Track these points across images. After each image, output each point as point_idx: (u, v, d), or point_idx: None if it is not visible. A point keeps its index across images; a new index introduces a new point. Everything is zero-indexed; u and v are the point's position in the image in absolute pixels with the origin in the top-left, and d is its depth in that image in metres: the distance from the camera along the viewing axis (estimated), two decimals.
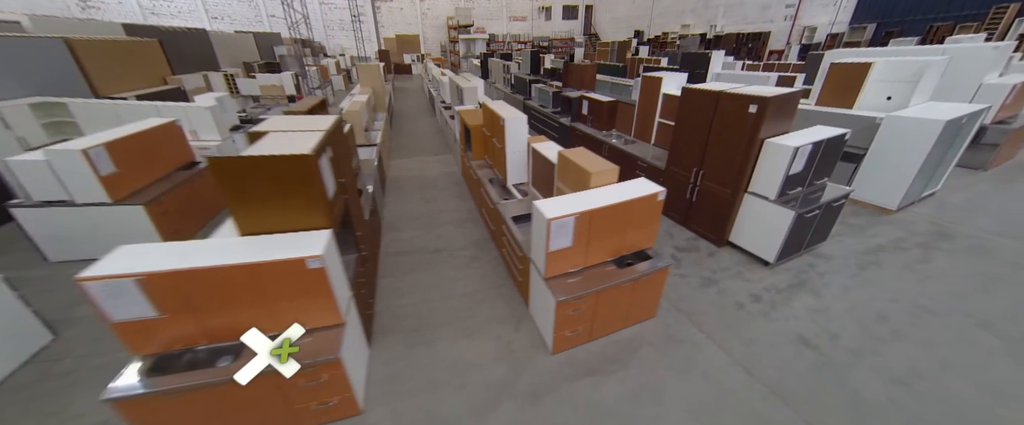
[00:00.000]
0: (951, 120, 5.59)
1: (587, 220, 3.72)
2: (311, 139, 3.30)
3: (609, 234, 3.98)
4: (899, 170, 6.13)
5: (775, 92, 4.84)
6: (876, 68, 6.64)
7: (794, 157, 4.68)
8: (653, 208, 4.06)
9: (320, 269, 2.91)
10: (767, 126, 4.90)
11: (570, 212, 3.61)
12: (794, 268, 5.22)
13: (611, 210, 3.80)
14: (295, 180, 3.02)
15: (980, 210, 6.30)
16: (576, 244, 3.82)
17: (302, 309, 3.05)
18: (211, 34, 13.50)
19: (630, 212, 3.93)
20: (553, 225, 3.58)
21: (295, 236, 3.08)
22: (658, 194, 3.97)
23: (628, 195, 3.90)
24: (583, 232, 3.77)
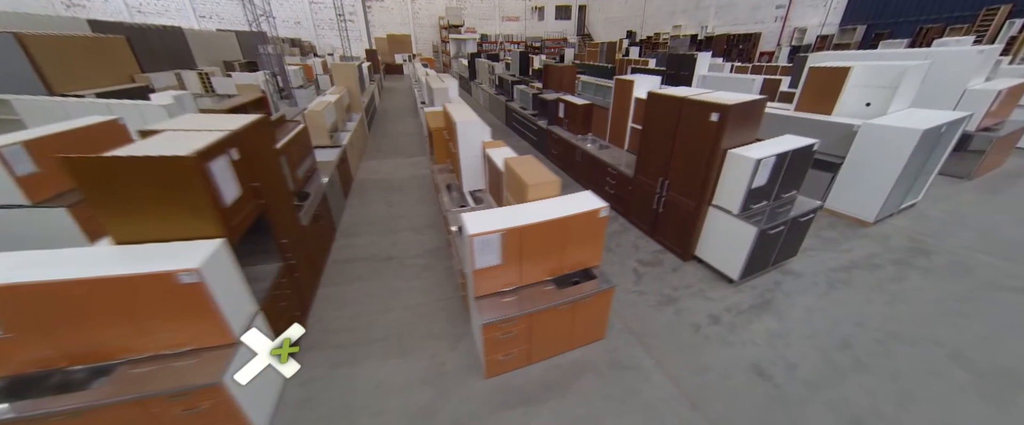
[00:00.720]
0: (929, 129, 5.23)
1: (517, 237, 3.37)
2: (203, 140, 2.96)
3: (546, 252, 3.64)
4: (876, 181, 5.77)
5: (737, 99, 4.48)
6: (855, 73, 6.29)
7: (756, 170, 4.32)
8: (595, 225, 3.71)
9: (196, 284, 2.59)
10: (730, 136, 4.55)
11: (496, 228, 3.27)
12: (760, 286, 4.86)
13: (546, 226, 3.45)
14: (172, 185, 2.69)
15: (961, 223, 5.93)
16: (508, 262, 3.47)
17: (180, 328, 2.74)
18: (188, 32, 13.12)
19: (568, 229, 3.58)
20: (476, 242, 3.24)
21: (175, 246, 2.77)
22: (599, 210, 3.62)
23: (567, 210, 3.55)
24: (514, 249, 3.43)
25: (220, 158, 3.00)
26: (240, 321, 3.02)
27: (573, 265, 3.88)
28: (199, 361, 2.79)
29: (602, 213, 3.64)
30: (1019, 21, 12.79)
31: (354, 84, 11.10)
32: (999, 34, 13.13)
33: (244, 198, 3.32)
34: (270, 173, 3.98)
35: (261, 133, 3.90)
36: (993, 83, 7.03)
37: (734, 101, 4.41)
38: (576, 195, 3.88)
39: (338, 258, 5.79)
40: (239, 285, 3.10)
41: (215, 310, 2.75)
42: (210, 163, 2.85)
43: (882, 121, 5.64)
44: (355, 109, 11.40)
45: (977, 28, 13.62)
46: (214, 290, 2.70)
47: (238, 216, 3.19)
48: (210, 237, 2.89)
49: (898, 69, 5.84)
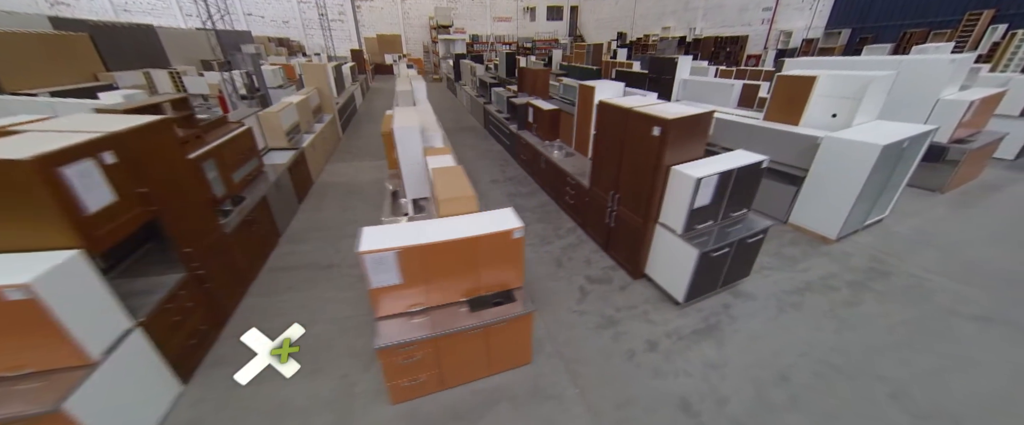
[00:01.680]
0: (889, 145, 4.91)
1: (417, 256, 3.09)
2: (62, 141, 2.70)
3: (456, 272, 3.36)
4: (838, 197, 5.46)
5: (680, 113, 4.16)
6: (820, 82, 5.97)
7: (697, 189, 4.01)
8: (510, 246, 3.41)
9: (28, 301, 2.34)
10: (673, 151, 4.24)
11: (392, 246, 2.99)
12: (707, 309, 4.56)
13: (452, 245, 3.17)
14: (9, 190, 2.46)
15: (926, 242, 5.62)
16: (410, 281, 3.20)
17: (17, 349, 2.50)
18: (161, 30, 12.79)
19: (478, 249, 3.29)
20: (368, 260, 2.97)
21: (12, 258, 2.52)
22: (513, 231, 3.32)
23: (478, 229, 3.26)
24: (416, 268, 3.15)
25: (82, 162, 2.76)
26: (103, 339, 2.80)
27: (492, 285, 3.59)
28: (44, 385, 2.54)
29: (516, 234, 3.35)
30: (1002, 27, 12.43)
31: (325, 85, 10.77)
32: (982, 40, 12.78)
33: (121, 205, 3.07)
34: (168, 178, 3.70)
35: (158, 136, 3.62)
36: (966, 93, 6.70)
37: (676, 115, 4.11)
38: (495, 212, 3.61)
39: (276, 265, 5.53)
40: (103, 300, 2.85)
41: (60, 329, 2.50)
42: (64, 167, 2.61)
43: (842, 135, 5.33)
44: (327, 110, 11.09)
45: (960, 33, 13.27)
46: (58, 307, 2.46)
47: (108, 225, 2.95)
48: (63, 248, 2.63)
49: (862, 80, 5.51)
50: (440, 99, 20.20)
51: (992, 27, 12.67)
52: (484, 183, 8.80)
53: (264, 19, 23.13)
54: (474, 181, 8.80)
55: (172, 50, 12.77)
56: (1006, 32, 12.19)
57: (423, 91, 9.60)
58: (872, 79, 5.41)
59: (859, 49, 14.93)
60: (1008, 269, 4.92)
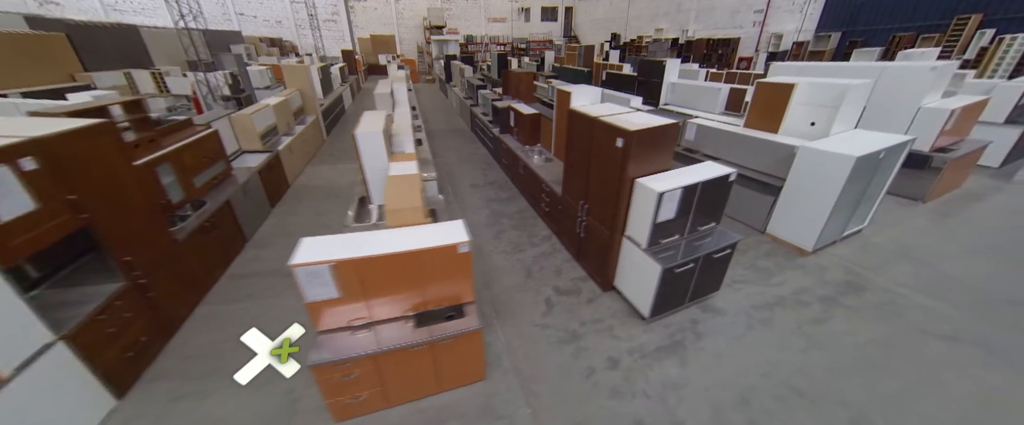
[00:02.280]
0: (864, 156, 4.75)
1: (355, 269, 2.95)
2: None
3: (399, 286, 3.21)
4: (813, 208, 5.31)
5: (644, 124, 4.01)
6: (799, 90, 5.82)
7: (660, 203, 3.85)
8: (456, 261, 3.25)
9: None
10: (637, 163, 4.09)
11: (327, 259, 2.86)
12: (674, 324, 4.41)
13: (394, 259, 3.02)
14: None
15: (903, 254, 5.46)
16: (349, 295, 3.06)
17: None
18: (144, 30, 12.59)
19: (421, 263, 3.14)
20: (300, 273, 2.84)
21: None
22: (458, 246, 3.16)
23: (423, 242, 3.11)
24: (354, 282, 3.01)
25: None
26: (14, 355, 2.68)
27: (440, 300, 3.43)
28: None
29: (462, 249, 3.19)
30: (990, 31, 12.26)
31: (307, 86, 10.59)
32: (970, 45, 12.61)
33: (44, 213, 2.95)
34: (106, 184, 3.55)
35: (94, 140, 3.46)
36: (948, 101, 6.54)
37: (639, 126, 3.95)
38: (445, 224, 3.48)
39: (237, 272, 5.38)
40: (14, 313, 2.70)
41: None
42: None
43: (817, 145, 5.17)
44: (309, 111, 10.91)
45: (948, 37, 13.11)
46: None
47: (24, 235, 2.81)
48: None
49: (839, 88, 5.36)
50: (432, 100, 20.03)
51: (980, 32, 12.50)
52: (464, 187, 8.64)
53: (256, 19, 22.88)
54: (454, 185, 8.77)
55: (157, 50, 12.58)
56: (994, 37, 12.05)
57: (404, 93, 9.45)
58: (848, 88, 5.25)
59: (849, 53, 14.79)
60: (982, 285, 4.76)
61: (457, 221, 3.49)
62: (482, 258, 5.87)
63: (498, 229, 6.73)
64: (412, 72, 22.63)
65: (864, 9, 15.64)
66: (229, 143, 7.13)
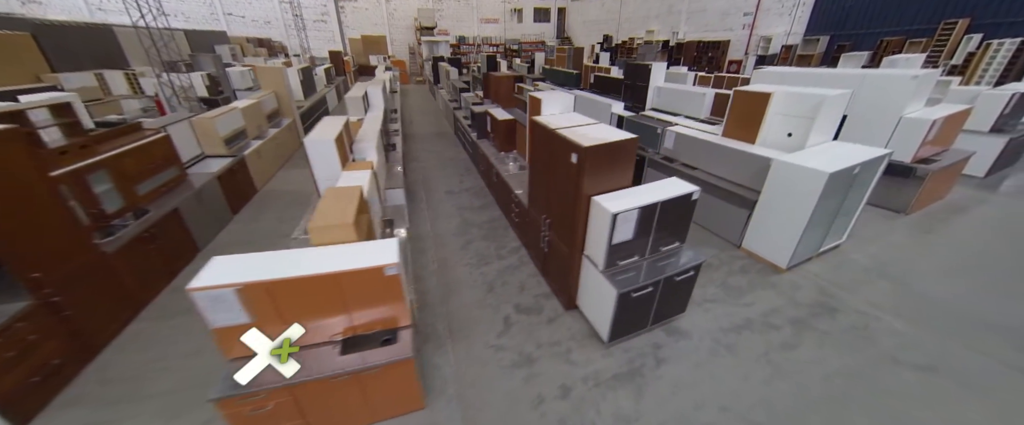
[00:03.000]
0: (837, 172, 4.46)
1: (266, 293, 2.68)
2: None
3: (323, 310, 2.94)
4: (787, 224, 5.02)
5: (601, 139, 3.70)
6: (775, 100, 5.53)
7: (614, 224, 3.56)
8: (384, 283, 2.97)
9: None
10: (594, 179, 3.79)
11: (233, 282, 2.59)
12: (635, 348, 4.12)
13: (311, 282, 2.76)
14: None
15: (881, 272, 5.18)
16: (262, 320, 2.79)
17: None
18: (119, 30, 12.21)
19: (341, 286, 2.85)
20: (200, 298, 2.57)
21: None
22: (384, 268, 2.86)
23: (345, 264, 2.84)
24: (267, 306, 2.74)
25: None
26: None
27: (371, 324, 3.15)
28: None
29: (389, 271, 2.90)
30: (977, 36, 11.97)
31: (282, 88, 10.26)
32: (957, 50, 12.33)
33: None
34: (7, 195, 3.25)
35: None
36: (930, 111, 6.26)
37: (595, 141, 3.65)
38: (375, 244, 3.20)
39: (181, 285, 5.04)
40: None
41: None
42: None
43: (790, 159, 4.88)
44: (285, 114, 10.58)
45: (936, 42, 12.81)
46: None
47: None
48: None
49: (815, 99, 5.07)
50: (421, 103, 19.72)
51: (967, 37, 12.21)
52: (439, 194, 8.34)
53: (245, 19, 22.44)
54: (429, 191, 8.46)
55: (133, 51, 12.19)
56: (981, 42, 11.77)
57: (379, 96, 9.13)
58: (824, 99, 4.96)
59: (837, 57, 14.50)
60: (960, 307, 4.48)
61: (389, 240, 3.20)
62: (445, 270, 5.59)
63: (467, 239, 6.44)
64: (402, 74, 22.29)
65: (852, 13, 15.33)
66: (190, 147, 6.82)
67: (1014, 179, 7.74)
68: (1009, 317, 4.28)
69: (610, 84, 14.36)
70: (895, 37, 13.88)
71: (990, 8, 11.95)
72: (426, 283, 5.32)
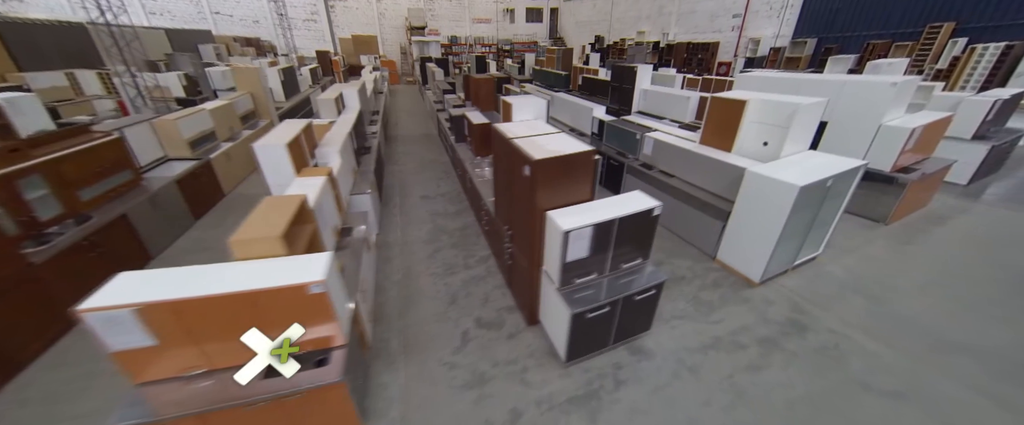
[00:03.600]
0: (809, 186, 4.23)
1: (172, 313, 2.45)
2: None
3: (236, 331, 2.65)
4: (760, 237, 4.80)
5: (555, 151, 3.47)
6: (751, 107, 5.31)
7: (566, 242, 3.32)
8: (310, 302, 2.72)
9: None
10: (548, 194, 3.56)
11: (130, 302, 2.34)
12: (594, 369, 3.89)
13: (221, 302, 2.51)
14: None
15: (856, 287, 4.96)
16: (169, 342, 2.55)
17: None
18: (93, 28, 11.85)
19: (259, 305, 2.61)
20: (93, 319, 2.32)
21: None
22: (308, 286, 2.63)
23: (263, 281, 2.60)
24: (174, 327, 2.51)
25: None
26: None
27: (301, 345, 2.89)
28: None
29: (313, 289, 2.66)
30: (962, 40, 11.77)
31: (259, 88, 9.98)
32: (942, 54, 12.14)
33: None
34: None
35: None
36: (910, 118, 6.04)
37: (548, 154, 3.41)
38: (303, 258, 2.95)
39: None
40: None
41: None
42: None
43: (762, 170, 4.66)
44: (263, 115, 10.29)
45: (921, 45, 12.63)
46: None
47: None
48: None
49: (789, 107, 4.84)
50: (410, 104, 19.43)
51: (952, 40, 12.02)
52: (414, 198, 8.09)
53: (233, 18, 22.05)
54: (404, 195, 8.20)
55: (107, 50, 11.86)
56: (966, 46, 11.58)
57: (354, 98, 8.86)
58: (797, 107, 4.74)
59: (824, 59, 14.31)
60: (934, 327, 4.27)
61: (321, 255, 2.96)
62: (409, 280, 5.35)
63: (436, 247, 6.20)
64: (392, 74, 21.97)
65: (839, 15, 15.13)
66: (151, 150, 6.56)
67: (996, 187, 7.55)
68: (984, 338, 4.07)
69: (598, 86, 14.15)
70: (881, 40, 13.70)
71: (975, 12, 11.77)
72: (387, 294, 5.08)
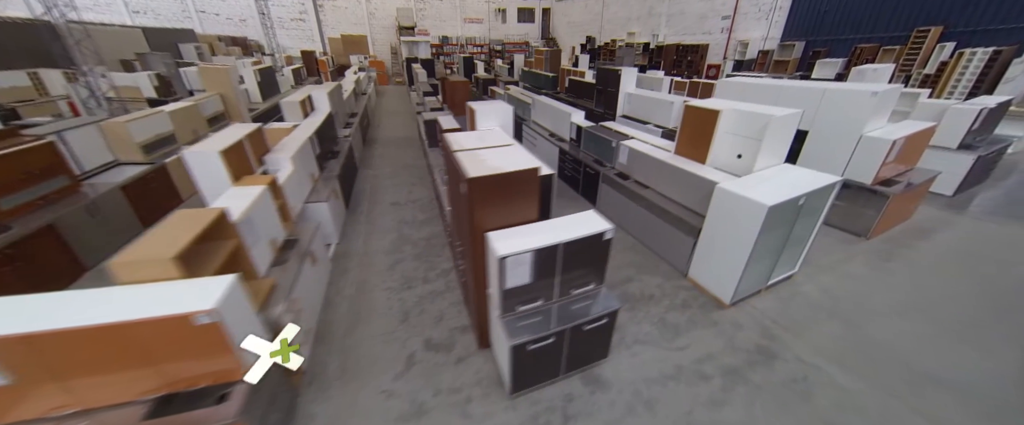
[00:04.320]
0: (777, 205, 3.90)
1: (26, 349, 2.12)
2: None
3: (114, 366, 2.34)
4: (730, 256, 4.46)
5: (495, 169, 3.12)
6: (724, 118, 4.98)
7: (504, 268, 2.98)
8: (196, 334, 2.36)
9: None
10: (487, 213, 3.22)
11: None
12: (544, 401, 3.56)
13: (89, 334, 2.17)
14: None
15: (832, 310, 4.63)
16: (28, 380, 2.22)
17: None
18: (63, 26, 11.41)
19: (135, 338, 2.26)
20: None
21: None
22: (193, 316, 2.27)
23: (143, 311, 2.27)
24: (31, 364, 2.18)
25: None
26: None
27: (195, 379, 2.57)
28: None
29: (200, 319, 2.31)
30: (950, 45, 11.45)
31: (229, 89, 9.58)
32: (930, 59, 11.82)
33: None
34: None
35: None
36: (891, 130, 5.71)
37: (487, 170, 3.06)
38: (198, 283, 2.61)
39: None
40: None
41: None
42: None
43: (731, 186, 4.33)
44: (234, 117, 9.87)
45: (909, 49, 12.30)
46: None
47: None
48: None
49: (762, 119, 4.51)
50: (397, 105, 19.01)
51: (940, 45, 11.70)
52: (384, 205, 7.73)
53: (219, 17, 21.55)
54: (373, 202, 7.83)
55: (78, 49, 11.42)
56: (954, 51, 11.26)
57: (324, 100, 8.50)
58: (769, 119, 4.40)
59: (813, 63, 13.99)
60: (911, 355, 3.95)
61: (220, 279, 2.61)
62: (363, 295, 5.01)
63: (396, 258, 5.84)
64: (381, 75, 21.55)
65: (827, 18, 14.80)
66: (98, 154, 6.18)
67: (982, 198, 7.23)
68: (961, 370, 3.75)
69: (584, 89, 13.80)
70: (869, 44, 13.38)
71: (963, 16, 11.46)
72: (336, 310, 4.73)
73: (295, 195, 5.25)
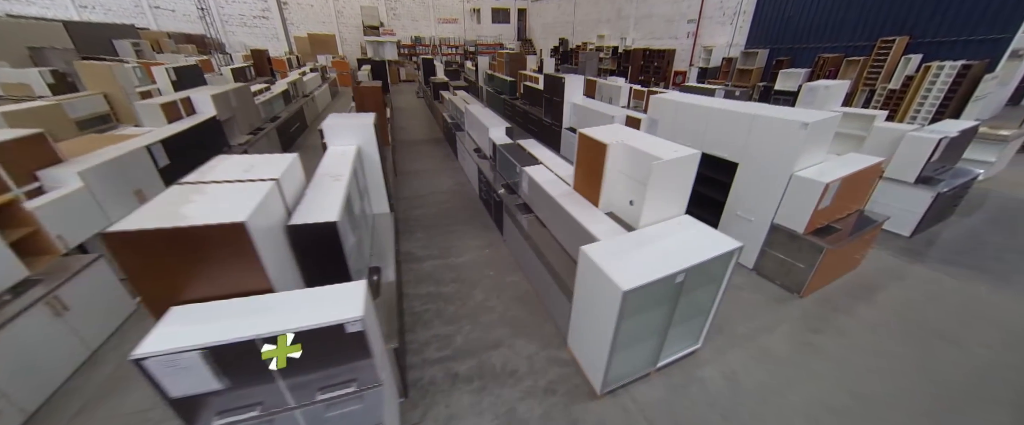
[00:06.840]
0: (636, 289, 2.73)
1: None
2: None
3: None
4: (596, 338, 3.31)
5: (155, 224, 1.92)
6: (612, 153, 3.82)
7: (149, 371, 1.77)
8: None
9: None
10: (163, 279, 2.00)
11: None
12: None
13: None
14: None
15: (730, 409, 3.48)
16: None
17: None
18: None
19: None
20: None
21: None
22: None
23: None
24: None
25: None
26: None
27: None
28: None
29: None
30: (916, 57, 10.23)
31: (117, 89, 8.32)
32: (894, 73, 10.61)
33: None
34: None
35: None
36: (825, 168, 4.52)
37: (148, 223, 1.87)
38: None
39: None
40: None
41: None
42: None
43: (594, 252, 3.18)
44: (125, 121, 8.61)
45: (873, 61, 11.07)
46: None
47: None
48: None
49: (646, 161, 3.34)
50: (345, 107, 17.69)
51: (906, 58, 10.46)
52: None
53: (175, 13, 20.02)
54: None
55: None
56: (920, 64, 10.06)
57: (208, 103, 7.29)
58: (653, 164, 3.23)
59: (776, 72, 12.78)
60: None
61: None
62: None
63: None
64: (341, 76, 20.16)
65: (791, 25, 13.53)
66: None
67: (943, 242, 5.95)
68: None
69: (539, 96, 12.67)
70: (833, 54, 12.15)
71: (931, 25, 10.22)
72: None
73: (74, 221, 4.08)
